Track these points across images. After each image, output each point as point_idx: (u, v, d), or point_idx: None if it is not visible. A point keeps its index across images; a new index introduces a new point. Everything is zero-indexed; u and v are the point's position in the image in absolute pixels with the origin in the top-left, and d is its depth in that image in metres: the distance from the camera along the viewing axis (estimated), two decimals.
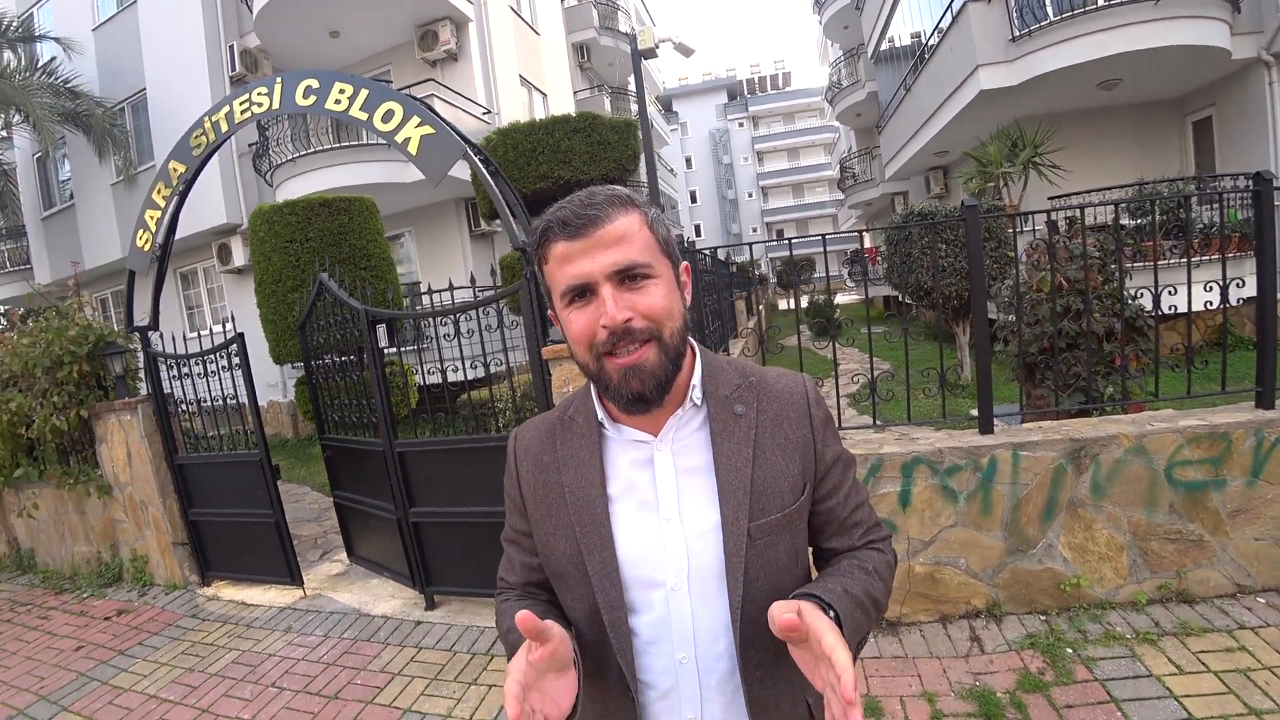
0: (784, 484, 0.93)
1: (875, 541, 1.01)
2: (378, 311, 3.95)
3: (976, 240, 3.23)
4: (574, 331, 0.87)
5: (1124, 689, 2.55)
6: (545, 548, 1.00)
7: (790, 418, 0.97)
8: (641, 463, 0.94)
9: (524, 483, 1.03)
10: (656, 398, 0.87)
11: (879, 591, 0.93)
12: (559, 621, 0.95)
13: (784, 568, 0.93)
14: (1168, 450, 3.08)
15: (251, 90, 3.78)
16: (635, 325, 0.83)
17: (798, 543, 0.96)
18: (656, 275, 0.86)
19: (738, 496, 0.90)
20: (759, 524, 0.90)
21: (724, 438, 0.93)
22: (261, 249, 7.19)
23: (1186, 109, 9.63)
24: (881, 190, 18.56)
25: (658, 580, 0.91)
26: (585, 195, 0.86)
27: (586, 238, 0.83)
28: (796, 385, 1.00)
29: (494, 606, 3.88)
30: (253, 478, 4.50)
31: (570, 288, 0.85)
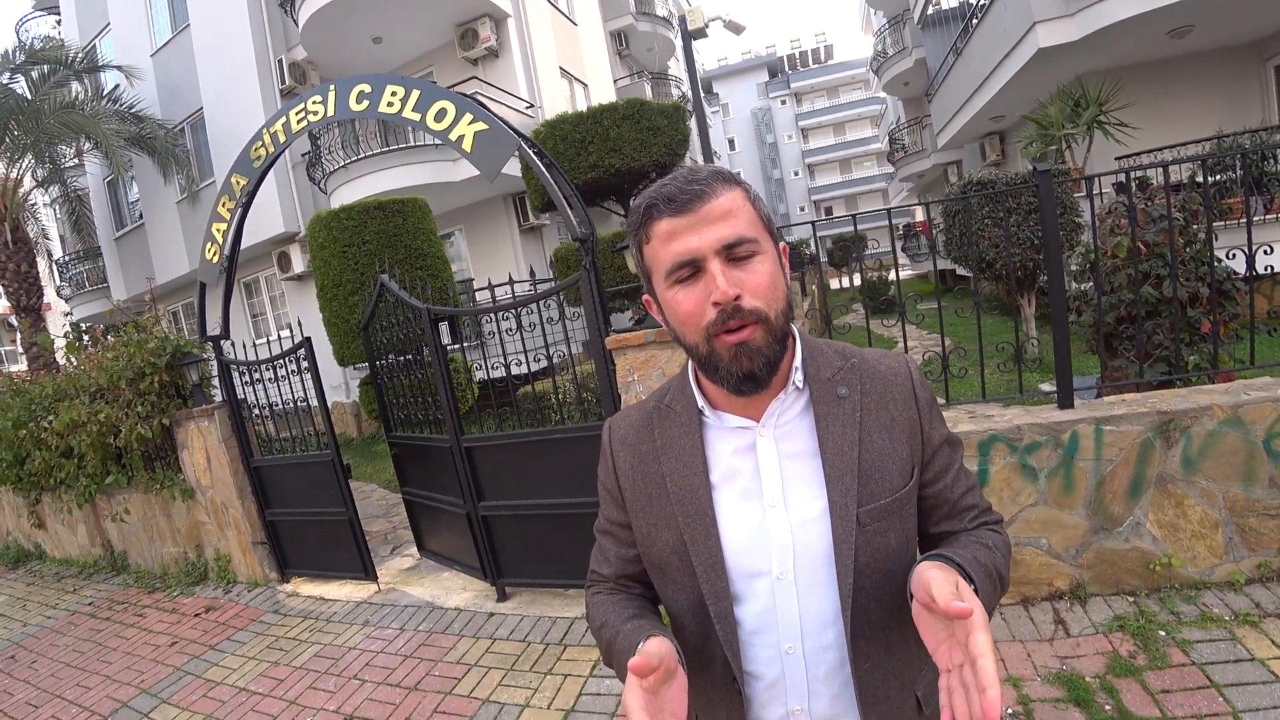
0: (893, 467, 0.90)
1: (990, 524, 0.98)
2: (440, 309, 4.02)
3: (1050, 207, 3.07)
4: (682, 312, 0.84)
5: (1224, 673, 2.41)
6: (646, 539, 0.98)
7: (896, 399, 0.94)
8: (744, 449, 0.92)
9: (621, 473, 1.01)
10: (766, 377, 0.85)
11: (1002, 567, 0.91)
12: (652, 617, 0.96)
13: (894, 554, 0.90)
14: (1267, 420, 2.88)
15: (306, 99, 3.88)
16: (744, 304, 0.81)
17: (908, 528, 0.93)
18: (763, 252, 0.84)
19: (845, 481, 0.88)
20: (868, 509, 0.88)
21: (829, 421, 0.90)
22: (321, 254, 7.41)
23: (1267, 53, 8.92)
24: (934, 161, 17.89)
25: (763, 569, 0.90)
26: (687, 172, 0.84)
27: (693, 213, 0.81)
28: (900, 366, 0.97)
29: (564, 597, 3.93)
30: (325, 477, 4.67)
31: (677, 264, 0.83)
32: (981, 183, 7.31)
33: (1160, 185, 3.76)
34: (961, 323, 9.14)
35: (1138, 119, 8.13)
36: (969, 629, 0.66)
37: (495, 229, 11.50)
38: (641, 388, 3.37)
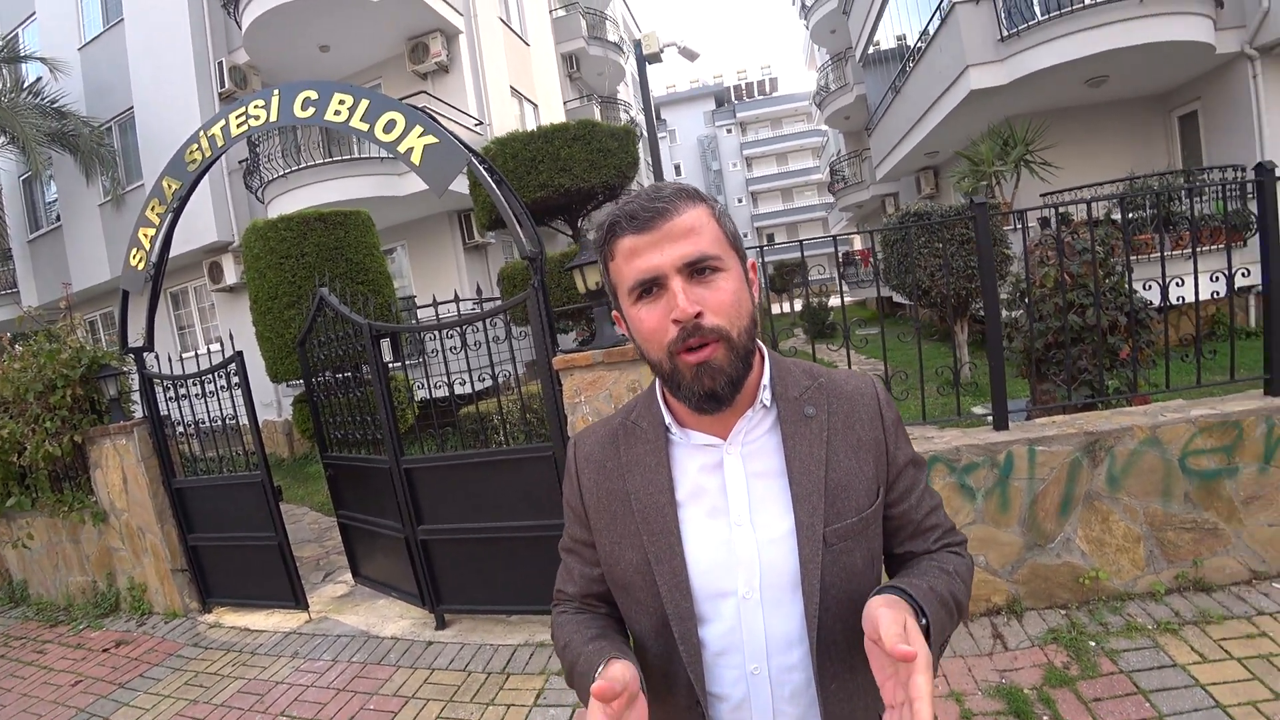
0: (859, 487, 0.90)
1: (952, 545, 0.99)
2: (382, 326, 3.90)
3: (986, 238, 3.22)
4: (645, 329, 0.84)
5: (1150, 679, 2.54)
6: (609, 557, 0.97)
7: (862, 419, 0.94)
8: (710, 467, 0.91)
9: (585, 490, 1.00)
10: (729, 396, 0.84)
11: (961, 594, 0.91)
12: (615, 638, 0.94)
13: (860, 574, 0.90)
14: (1181, 440, 3.07)
15: (248, 103, 3.74)
16: (705, 322, 0.81)
17: (874, 548, 0.94)
18: (726, 269, 0.84)
19: (812, 500, 0.87)
20: (835, 529, 0.87)
21: (796, 440, 0.90)
22: (256, 265, 7.11)
23: (1172, 104, 9.72)
24: (872, 192, 18.64)
25: (728, 589, 0.88)
26: (651, 189, 0.84)
27: (655, 230, 0.81)
28: (866, 386, 0.98)
29: (506, 624, 3.81)
30: (254, 500, 4.43)
31: (639, 282, 0.83)
32: (920, 214, 7.64)
33: (1083, 220, 4.00)
34: (901, 348, 9.51)
35: (1060, 159, 8.69)
36: (911, 670, 0.66)
37: (439, 246, 11.31)
38: (588, 409, 3.34)
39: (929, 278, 7.14)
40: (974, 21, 8.64)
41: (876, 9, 13.67)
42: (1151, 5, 7.55)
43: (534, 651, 3.51)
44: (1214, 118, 8.96)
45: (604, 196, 10.56)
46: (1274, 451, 3.06)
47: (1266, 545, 3.08)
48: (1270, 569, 3.08)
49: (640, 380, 3.25)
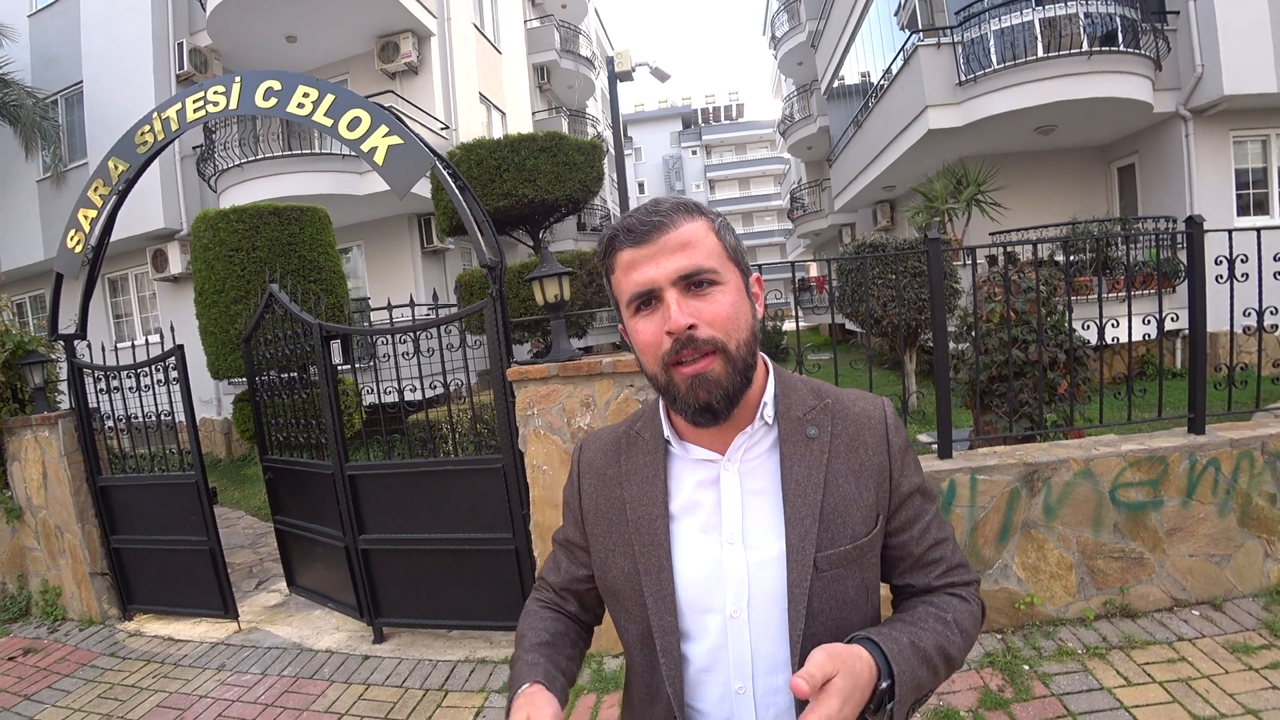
0: (856, 513, 0.89)
1: (958, 586, 0.94)
2: (333, 326, 3.80)
3: (938, 273, 3.33)
4: (641, 341, 0.85)
5: (1079, 702, 2.63)
6: (602, 564, 0.98)
7: (867, 443, 0.92)
8: (707, 483, 0.91)
9: (585, 495, 1.02)
10: (724, 410, 0.84)
11: (954, 647, 0.87)
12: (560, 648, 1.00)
13: (851, 603, 0.89)
14: (1112, 473, 3.21)
15: (207, 88, 3.62)
16: (699, 334, 0.81)
17: (868, 577, 0.91)
18: (723, 282, 0.84)
19: (805, 524, 0.86)
20: (826, 555, 0.86)
21: (794, 461, 0.89)
22: (204, 256, 6.84)
23: (1112, 156, 10.28)
24: (830, 221, 19.11)
25: (716, 606, 0.88)
26: (651, 203, 0.85)
27: (651, 243, 0.82)
28: (875, 409, 0.96)
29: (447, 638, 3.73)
30: (186, 501, 4.23)
31: (636, 295, 0.84)
32: (874, 245, 7.87)
33: (1028, 260, 4.18)
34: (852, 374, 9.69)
35: (1009, 200, 9.08)
36: None
37: (397, 248, 11.11)
38: (540, 422, 3.32)
39: (881, 307, 7.34)
40: (935, 64, 9.00)
41: (843, 45, 14.13)
42: (1098, 63, 8.00)
43: (474, 668, 3.43)
44: (1150, 171, 9.51)
45: (567, 209, 10.55)
46: (1196, 486, 3.23)
47: (1187, 575, 3.24)
48: (1190, 597, 3.25)
49: (594, 395, 3.24)
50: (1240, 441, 3.26)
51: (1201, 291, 3.37)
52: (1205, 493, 3.24)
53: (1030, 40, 8.30)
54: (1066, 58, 8.05)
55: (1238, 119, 8.60)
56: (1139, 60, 8.22)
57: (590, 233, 17.35)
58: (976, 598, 0.95)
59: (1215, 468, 3.24)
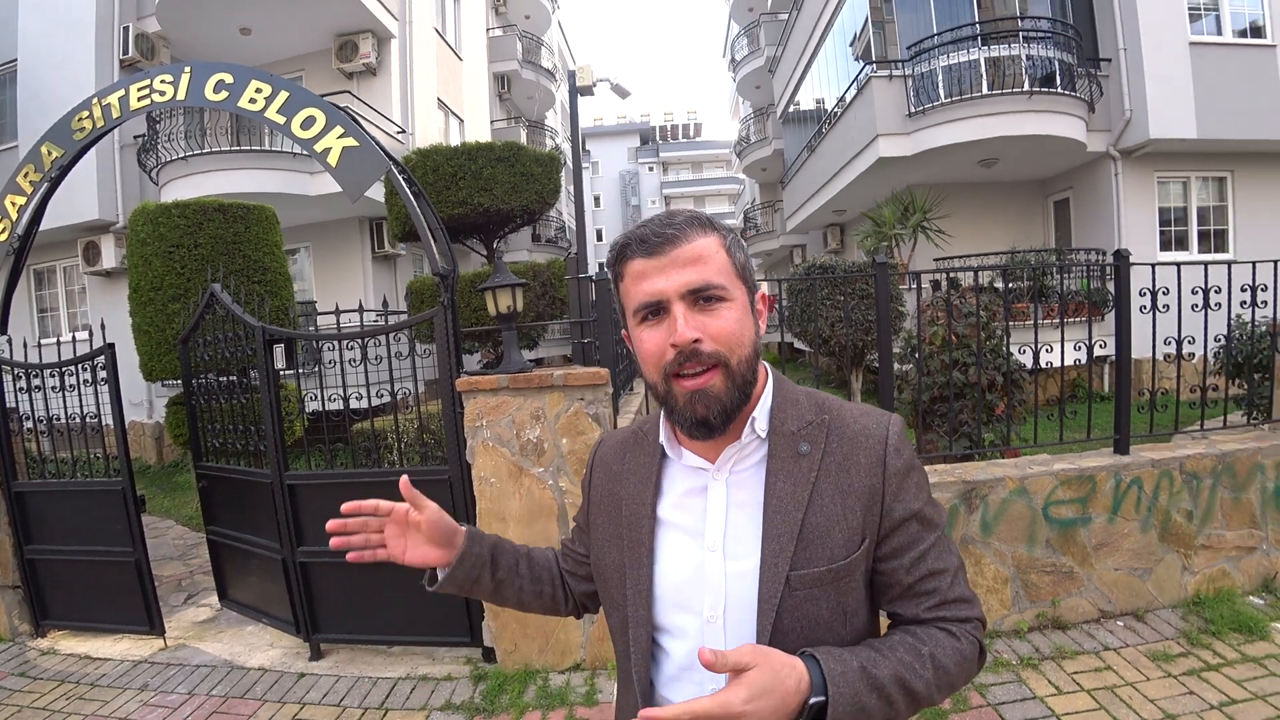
0: (837, 535, 0.87)
1: (949, 621, 0.89)
2: (277, 330, 3.68)
3: (885, 295, 3.44)
4: (645, 350, 0.87)
5: (1014, 711, 2.73)
6: (597, 551, 1.05)
7: (860, 463, 0.90)
8: (696, 490, 0.93)
9: (594, 487, 1.09)
10: (720, 425, 0.86)
11: (920, 681, 0.83)
12: (531, 552, 1.18)
13: (824, 624, 0.87)
14: (1045, 491, 3.36)
15: (154, 76, 3.46)
16: (703, 348, 0.83)
17: (845, 601, 0.89)
18: (730, 299, 0.86)
19: (782, 540, 0.86)
20: (800, 574, 0.86)
21: (779, 476, 0.89)
22: (141, 252, 6.53)
23: (1049, 190, 10.85)
24: (781, 242, 19.53)
25: (694, 609, 0.90)
26: (665, 215, 0.87)
27: (663, 255, 0.84)
28: (877, 427, 0.92)
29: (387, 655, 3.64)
30: (111, 510, 4.00)
31: (643, 304, 0.86)
32: (824, 267, 8.08)
33: (970, 286, 4.36)
34: None
35: (954, 228, 9.48)
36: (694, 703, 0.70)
37: (347, 252, 10.85)
38: (489, 434, 3.28)
39: (829, 327, 7.53)
40: (887, 95, 9.35)
41: (800, 72, 14.53)
42: (1037, 103, 8.46)
43: (416, 685, 3.34)
44: (1083, 206, 10.06)
45: (523, 220, 10.48)
46: (1121, 503, 3.41)
47: (1113, 587, 3.42)
48: (1116, 609, 3.42)
49: (544, 408, 3.22)
50: (1161, 462, 3.46)
51: (1127, 321, 3.58)
52: (1129, 510, 3.42)
53: (976, 78, 8.72)
54: (1009, 96, 8.48)
55: (1162, 161, 9.20)
56: (1074, 102, 8.72)
57: (545, 244, 17.28)
58: (971, 636, 0.90)
59: (1138, 486, 3.42)
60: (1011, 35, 8.90)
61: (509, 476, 3.28)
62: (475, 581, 1.10)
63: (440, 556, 1.05)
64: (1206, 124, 8.70)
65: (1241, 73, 8.82)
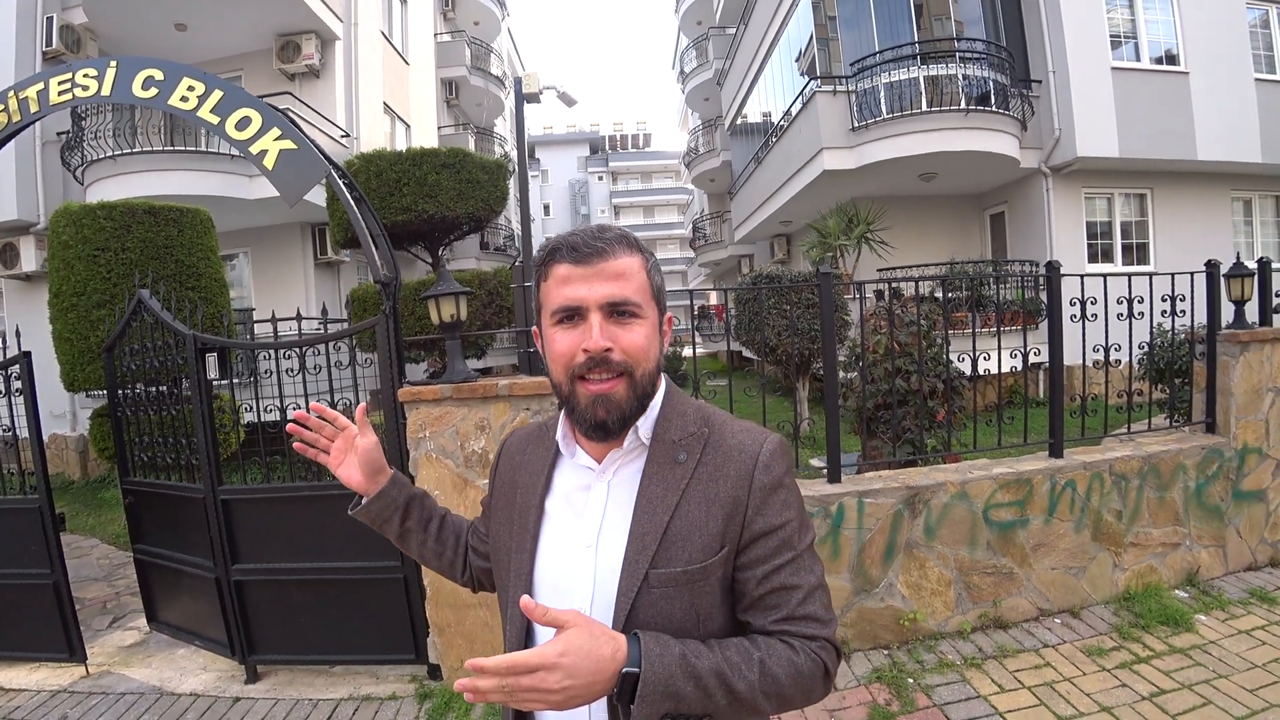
0: (697, 540, 0.91)
1: (792, 636, 0.91)
2: (209, 338, 3.52)
3: (829, 305, 3.51)
4: (556, 350, 0.92)
5: (959, 711, 2.80)
6: (493, 533, 1.11)
7: (729, 475, 0.94)
8: (581, 488, 1.00)
9: (499, 474, 1.15)
10: (616, 430, 0.92)
11: (744, 682, 0.84)
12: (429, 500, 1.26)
13: (677, 623, 0.90)
14: (985, 494, 3.48)
15: (76, 70, 3.26)
16: (613, 357, 0.89)
17: (700, 604, 0.91)
18: (643, 317, 0.92)
19: (645, 540, 0.91)
20: (659, 572, 0.90)
21: (654, 480, 0.95)
22: (64, 255, 6.17)
23: (985, 204, 11.32)
24: (730, 252, 19.81)
25: (569, 600, 0.94)
26: (597, 228, 0.93)
27: (590, 266, 0.90)
28: (752, 444, 0.96)
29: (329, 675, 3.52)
30: (25, 529, 3.74)
31: (563, 308, 0.90)
32: (771, 276, 8.22)
33: (911, 296, 4.50)
34: (747, 400, 10.02)
35: (896, 240, 9.77)
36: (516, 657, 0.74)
37: (288, 258, 10.49)
38: (433, 445, 3.21)
39: (776, 336, 7.65)
40: (830, 110, 9.61)
41: (747, 85, 14.81)
42: (973, 120, 8.84)
43: (358, 706, 3.21)
44: (1017, 219, 10.53)
45: (470, 228, 10.35)
46: (1056, 505, 3.56)
47: (1050, 586, 3.55)
48: (1053, 606, 3.56)
49: (489, 418, 3.17)
50: (1092, 464, 3.62)
51: (1058, 329, 3.74)
52: (1064, 511, 3.57)
53: (916, 95, 9.05)
54: (946, 113, 8.83)
55: (1089, 178, 9.72)
56: (1008, 120, 9.14)
57: (494, 252, 17.07)
58: (812, 654, 0.90)
59: (1072, 488, 3.58)
60: (949, 55, 9.27)
61: (453, 489, 3.20)
62: (386, 521, 1.20)
63: (363, 484, 1.16)
64: (1128, 143, 9.24)
65: (1158, 97, 9.40)
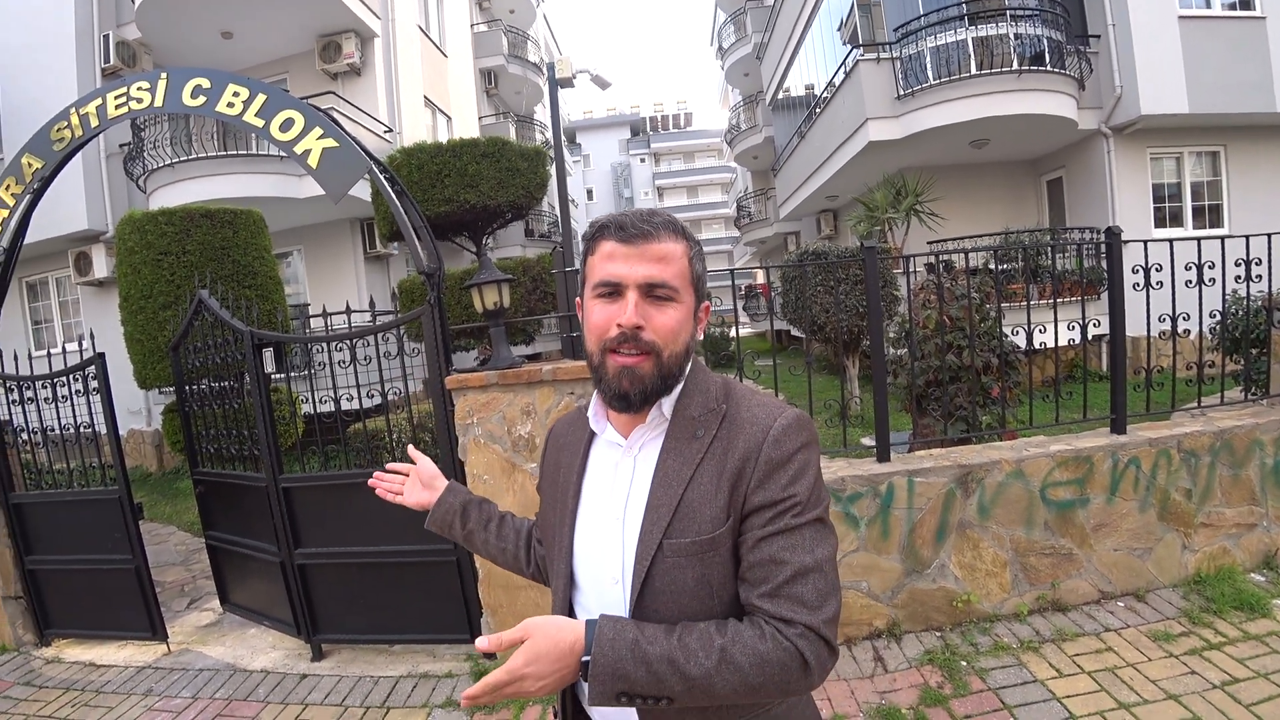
0: (706, 512, 0.94)
1: (766, 615, 0.88)
2: (265, 334, 3.66)
3: (875, 280, 3.42)
4: (592, 321, 0.97)
5: (1014, 695, 2.72)
6: (543, 513, 1.19)
7: (738, 448, 0.95)
8: (612, 464, 1.05)
9: (546, 458, 1.22)
10: (638, 403, 0.96)
11: (698, 668, 0.84)
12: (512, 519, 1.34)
13: (689, 592, 0.93)
14: (1041, 473, 3.35)
15: (131, 84, 3.43)
16: (643, 335, 0.93)
17: (710, 574, 0.93)
18: (679, 301, 0.96)
19: (660, 511, 0.96)
20: (672, 543, 0.94)
21: (671, 455, 0.99)
22: (130, 260, 6.52)
23: (1041, 169, 10.80)
24: (775, 229, 19.48)
25: (604, 570, 1.01)
26: (647, 211, 0.97)
27: (634, 246, 0.94)
28: (766, 418, 0.96)
29: (388, 654, 3.68)
30: (109, 518, 4.00)
31: (604, 282, 0.95)
32: (816, 253, 8.05)
33: (962, 269, 4.34)
34: (794, 380, 9.88)
35: (946, 211, 9.43)
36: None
37: (338, 254, 10.81)
38: (480, 430, 3.27)
39: (823, 314, 7.51)
40: (875, 79, 9.29)
41: (788, 58, 14.45)
42: (1026, 81, 8.41)
43: (417, 683, 3.34)
44: (1076, 184, 10.02)
45: (511, 215, 10.45)
46: (1119, 483, 3.40)
47: (1112, 568, 3.41)
48: (1115, 589, 3.41)
49: (534, 403, 3.22)
50: (1158, 440, 3.44)
51: (1120, 299, 3.56)
52: (1127, 490, 3.41)
53: (964, 58, 8.67)
54: (997, 75, 8.43)
55: (1154, 137, 9.15)
56: (1064, 80, 8.67)
57: (538, 239, 17.20)
58: (785, 642, 0.85)
59: (1136, 466, 3.41)
60: (999, 14, 8.82)
61: (501, 473, 3.27)
62: (449, 526, 1.32)
63: (428, 499, 1.33)
64: (1198, 98, 8.65)
65: (1231, 46, 8.76)
